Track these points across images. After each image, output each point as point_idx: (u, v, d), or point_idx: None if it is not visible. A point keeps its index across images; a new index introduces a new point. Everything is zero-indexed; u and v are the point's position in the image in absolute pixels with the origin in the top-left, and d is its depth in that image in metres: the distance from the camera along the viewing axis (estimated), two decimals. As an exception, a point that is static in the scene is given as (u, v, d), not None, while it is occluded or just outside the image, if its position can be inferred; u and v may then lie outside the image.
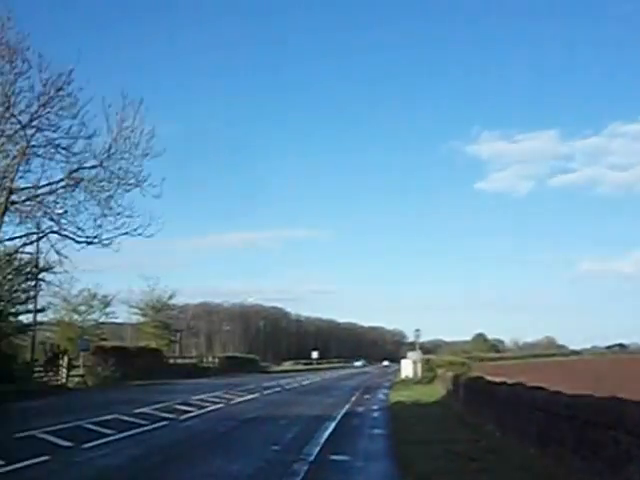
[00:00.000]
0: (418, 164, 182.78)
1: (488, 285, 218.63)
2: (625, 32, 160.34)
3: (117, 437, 12.78)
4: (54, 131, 21.17)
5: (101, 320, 46.13)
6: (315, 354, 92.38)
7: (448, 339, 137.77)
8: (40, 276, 29.16)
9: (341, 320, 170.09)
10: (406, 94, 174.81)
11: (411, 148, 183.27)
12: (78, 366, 33.37)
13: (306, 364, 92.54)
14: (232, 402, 23.11)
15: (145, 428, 14.40)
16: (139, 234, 22.68)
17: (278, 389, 32.73)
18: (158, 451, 11.58)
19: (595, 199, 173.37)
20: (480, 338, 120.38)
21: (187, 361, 56.39)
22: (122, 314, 50.93)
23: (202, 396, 24.61)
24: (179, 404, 20.77)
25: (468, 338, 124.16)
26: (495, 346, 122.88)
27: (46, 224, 22.17)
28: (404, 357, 56.26)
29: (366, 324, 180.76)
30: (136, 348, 43.45)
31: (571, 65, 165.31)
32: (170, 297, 51.98)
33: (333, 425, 16.96)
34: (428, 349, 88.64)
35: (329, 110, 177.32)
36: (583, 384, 18.19)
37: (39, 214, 22.03)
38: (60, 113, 21.15)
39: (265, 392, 29.59)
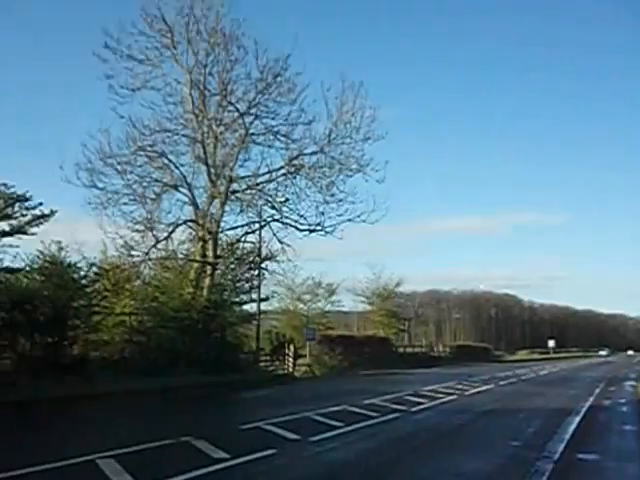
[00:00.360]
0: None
1: None
2: None
3: (346, 430, 12.51)
4: (273, 118, 22.02)
5: (326, 309, 47.91)
6: (552, 343, 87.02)
7: None
8: (263, 265, 29.86)
9: (578, 307, 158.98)
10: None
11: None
12: (304, 355, 34.42)
13: (542, 353, 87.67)
14: (466, 393, 22.28)
15: (375, 420, 14.11)
16: (362, 221, 22.82)
17: (514, 380, 31.11)
18: (389, 445, 11.12)
19: None
20: None
21: (416, 350, 56.32)
22: (347, 302, 52.43)
23: (433, 387, 24.11)
24: (409, 395, 20.48)
25: None
26: None
27: (267, 213, 23.13)
28: None
29: (605, 311, 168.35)
30: (363, 337, 43.96)
31: None
32: (397, 285, 52.22)
33: (577, 420, 15.45)
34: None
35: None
36: None
37: (260, 203, 23.07)
38: (278, 99, 21.99)
39: (500, 383, 28.25)
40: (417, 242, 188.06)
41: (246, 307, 32.40)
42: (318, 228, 23.41)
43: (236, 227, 25.30)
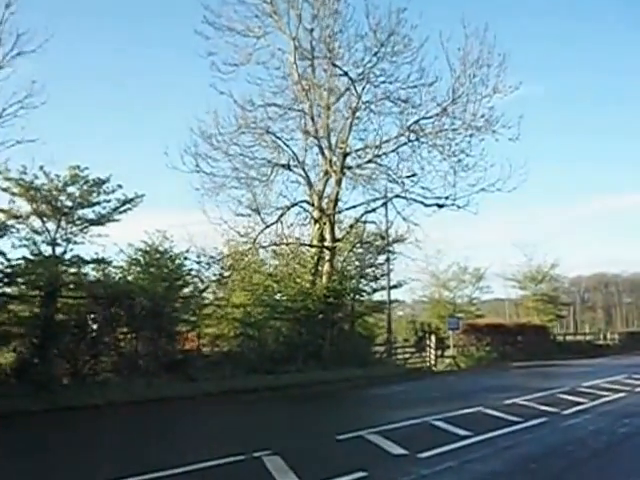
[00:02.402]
0: None
1: None
2: None
3: (471, 441, 9.97)
4: (389, 82, 19.52)
5: (474, 295, 44.56)
6: None
7: None
8: (391, 248, 27.41)
9: None
10: None
11: None
12: (454, 346, 31.70)
13: None
14: (637, 390, 18.59)
15: (513, 428, 11.37)
16: (498, 189, 19.69)
17: None
18: (523, 467, 8.49)
19: None
20: None
21: (578, 338, 50.88)
22: (498, 289, 48.47)
23: (596, 381, 20.51)
24: (565, 393, 17.23)
25: None
26: None
27: (388, 188, 20.67)
28: None
29: None
30: (515, 325, 39.67)
31: None
32: (552, 266, 47.07)
33: None
34: None
35: None
36: None
37: (379, 177, 20.68)
38: (394, 60, 19.51)
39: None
40: (578, 223, 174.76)
41: (378, 296, 30.15)
42: (448, 202, 20.54)
43: (355, 206, 23.09)
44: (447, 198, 20.45)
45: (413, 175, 20.83)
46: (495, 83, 18.95)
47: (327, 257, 22.89)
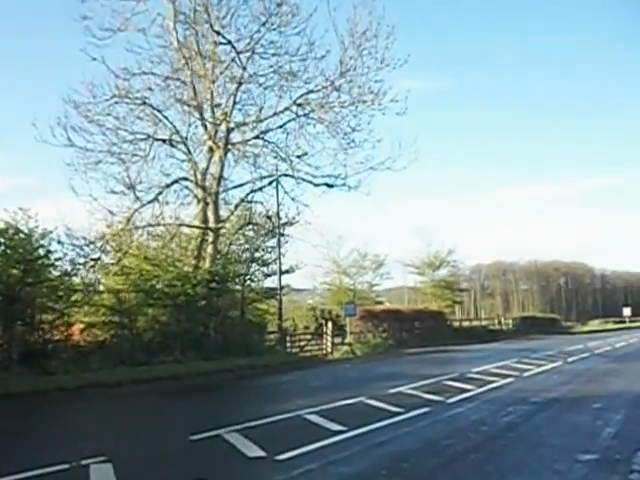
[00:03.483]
0: None
1: None
2: None
3: (342, 437, 8.95)
4: (278, 55, 18.23)
5: (374, 282, 44.35)
6: (627, 311, 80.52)
7: None
8: (283, 232, 26.09)
9: None
10: None
11: None
12: (350, 333, 30.96)
13: (616, 323, 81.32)
14: (525, 375, 18.30)
15: (390, 420, 10.42)
16: (387, 168, 18.85)
17: (586, 354, 26.73)
18: (392, 466, 7.46)
19: None
20: None
21: (475, 324, 51.85)
22: (399, 275, 48.57)
23: (487, 367, 20.22)
24: (453, 379, 16.65)
25: None
26: None
27: (276, 166, 19.40)
28: None
29: None
30: (412, 311, 39.59)
31: None
32: (450, 253, 47.44)
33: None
34: None
35: None
36: None
37: (267, 155, 19.42)
38: (283, 31, 18.22)
39: (569, 359, 24.00)
40: (481, 214, 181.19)
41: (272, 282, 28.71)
42: (338, 182, 19.52)
43: (241, 185, 21.61)
44: (337, 177, 19.46)
45: (304, 154, 19.67)
46: (383, 55, 18.03)
47: (210, 239, 21.30)
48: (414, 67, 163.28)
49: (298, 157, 19.78)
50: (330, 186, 19.70)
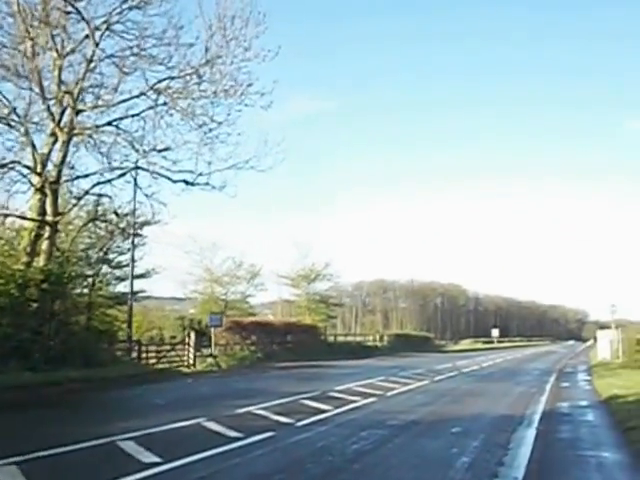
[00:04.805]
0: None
1: None
2: None
3: (150, 473, 7.30)
4: (141, 37, 16.21)
5: (248, 292, 42.71)
6: (495, 332, 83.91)
7: (633, 319, 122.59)
8: (141, 232, 24.16)
9: (521, 298, 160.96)
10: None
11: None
12: (215, 345, 29.10)
13: (485, 343, 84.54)
14: (390, 393, 17.40)
15: (224, 448, 8.80)
16: (251, 167, 17.36)
17: (453, 373, 26.54)
18: None
19: None
20: None
21: (350, 339, 51.40)
22: (274, 287, 47.04)
23: (352, 384, 19.20)
24: (312, 398, 15.39)
25: None
26: None
27: (130, 158, 17.27)
28: (593, 337, 50.44)
29: (546, 302, 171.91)
30: (284, 323, 38.40)
31: None
32: (326, 266, 46.45)
33: (530, 436, 10.71)
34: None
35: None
36: None
37: (121, 144, 17.26)
38: (144, 9, 16.30)
39: (436, 378, 23.56)
40: (364, 232, 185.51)
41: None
42: (201, 181, 17.73)
43: (88, 175, 19.09)
44: (199, 175, 17.71)
45: (166, 149, 17.79)
46: (250, 43, 16.60)
47: (47, 234, 18.62)
48: (304, 86, 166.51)
49: (159, 151, 17.87)
50: (190, 184, 17.86)
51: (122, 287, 25.55)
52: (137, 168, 17.91)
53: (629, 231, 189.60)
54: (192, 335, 26.70)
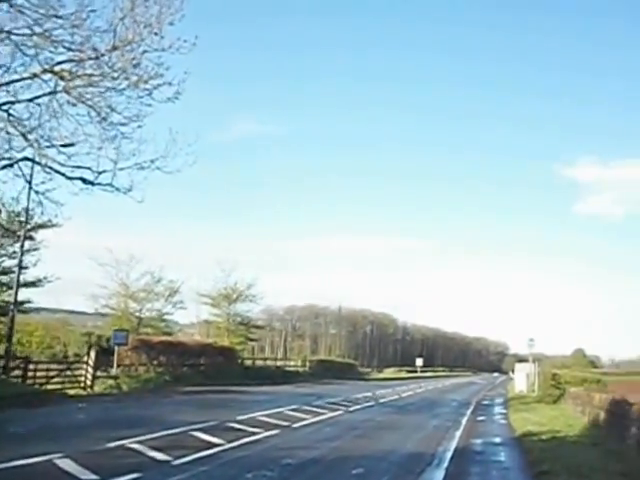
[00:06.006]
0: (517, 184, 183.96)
1: (586, 302, 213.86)
2: None
3: None
4: (45, 16, 14.30)
5: (165, 310, 40.37)
6: (419, 361, 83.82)
7: (549, 353, 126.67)
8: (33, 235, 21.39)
9: (447, 329, 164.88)
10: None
11: (510, 167, 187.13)
12: (118, 365, 26.85)
13: (409, 372, 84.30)
14: (297, 425, 15.94)
15: None
16: (157, 168, 15.69)
17: (370, 403, 25.38)
18: None
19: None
20: (579, 353, 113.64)
21: (270, 363, 49.53)
22: (193, 306, 44.71)
23: (258, 413, 17.64)
24: (206, 429, 13.66)
25: (567, 353, 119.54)
26: (593, 362, 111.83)
27: (19, 148, 15.17)
28: (512, 369, 51.00)
29: (470, 334, 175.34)
30: (198, 344, 36.25)
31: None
32: (249, 287, 44.53)
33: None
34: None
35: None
36: None
37: (12, 133, 15.17)
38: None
39: (352, 408, 22.30)
40: (295, 259, 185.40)
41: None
42: (102, 180, 15.86)
43: None
44: (100, 174, 15.88)
45: (69, 145, 15.91)
46: (161, 28, 14.96)
47: None
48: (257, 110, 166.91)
49: (62, 146, 15.99)
50: (89, 183, 15.97)
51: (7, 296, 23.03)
52: (25, 159, 15.86)
53: (548, 268, 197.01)
54: (92, 353, 24.41)
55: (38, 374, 22.37)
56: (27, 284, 23.25)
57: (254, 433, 13.71)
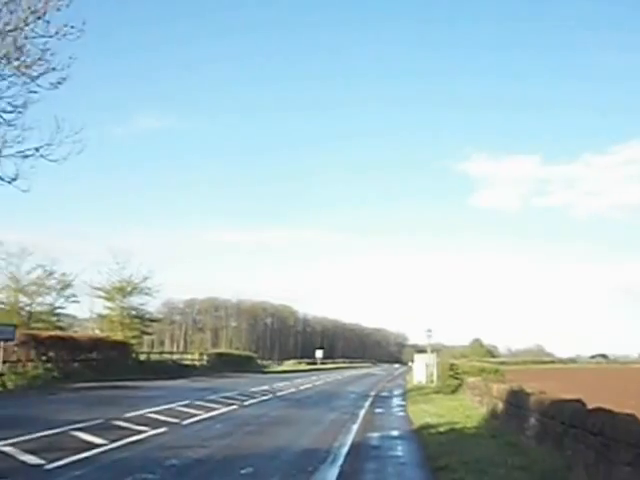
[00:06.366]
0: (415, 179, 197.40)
1: (483, 293, 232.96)
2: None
3: None
4: None
5: (57, 304, 38.52)
6: (319, 353, 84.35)
7: (447, 343, 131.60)
8: None
9: (347, 321, 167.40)
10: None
11: (408, 164, 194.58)
12: (4, 362, 25.15)
13: (309, 364, 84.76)
14: (187, 422, 15.34)
15: None
16: (41, 156, 14.57)
17: (267, 397, 25.02)
18: None
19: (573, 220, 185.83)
20: (477, 343, 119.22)
21: (166, 357, 48.12)
22: (87, 299, 42.71)
23: (148, 410, 16.92)
24: (89, 429, 12.83)
25: (465, 343, 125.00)
26: (490, 352, 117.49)
27: None
28: (411, 360, 52.12)
29: (370, 325, 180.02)
30: (89, 339, 34.68)
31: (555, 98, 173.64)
32: (145, 279, 42.67)
33: (331, 479, 9.35)
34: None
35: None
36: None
37: None
38: None
39: (247, 402, 21.84)
40: (195, 251, 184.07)
41: None
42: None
43: None
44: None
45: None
46: (46, 9, 13.82)
47: None
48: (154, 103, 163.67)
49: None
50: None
51: None
52: None
53: (446, 260, 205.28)
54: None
55: None
56: None
57: (140, 432, 13.03)
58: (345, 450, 12.21)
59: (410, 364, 62.18)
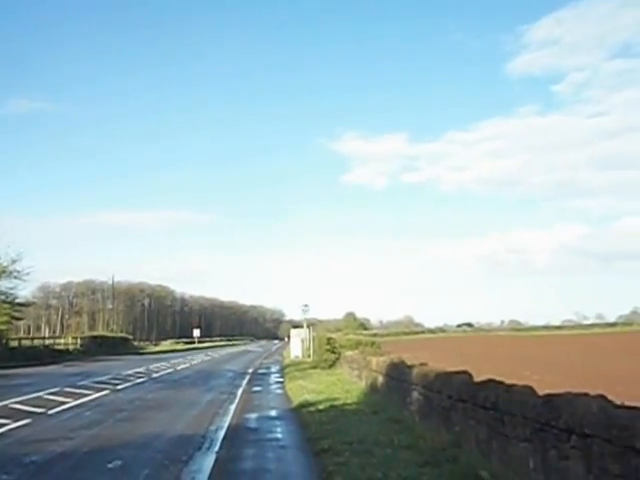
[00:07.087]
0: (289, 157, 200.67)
1: (354, 267, 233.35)
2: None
3: None
4: None
5: None
6: (197, 332, 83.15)
7: (322, 318, 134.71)
8: None
9: (224, 299, 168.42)
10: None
11: (282, 143, 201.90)
12: None
13: (187, 343, 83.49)
14: (54, 411, 14.48)
15: None
16: None
17: (142, 379, 24.28)
18: None
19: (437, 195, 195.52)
20: (350, 317, 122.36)
21: (38, 343, 45.37)
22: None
23: (13, 400, 16.20)
24: None
25: (339, 317, 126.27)
26: (363, 324, 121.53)
27: None
28: (287, 335, 51.82)
29: (247, 303, 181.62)
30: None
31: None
32: (13, 262, 39.82)
33: (206, 469, 8.90)
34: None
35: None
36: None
37: None
38: None
39: (121, 386, 21.01)
40: (73, 234, 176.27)
41: None
42: None
43: None
44: None
45: None
46: None
47: None
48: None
49: None
50: None
51: None
52: None
53: (321, 238, 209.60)
54: None
55: None
56: None
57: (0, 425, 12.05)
58: (222, 434, 11.81)
59: (287, 339, 62.20)
